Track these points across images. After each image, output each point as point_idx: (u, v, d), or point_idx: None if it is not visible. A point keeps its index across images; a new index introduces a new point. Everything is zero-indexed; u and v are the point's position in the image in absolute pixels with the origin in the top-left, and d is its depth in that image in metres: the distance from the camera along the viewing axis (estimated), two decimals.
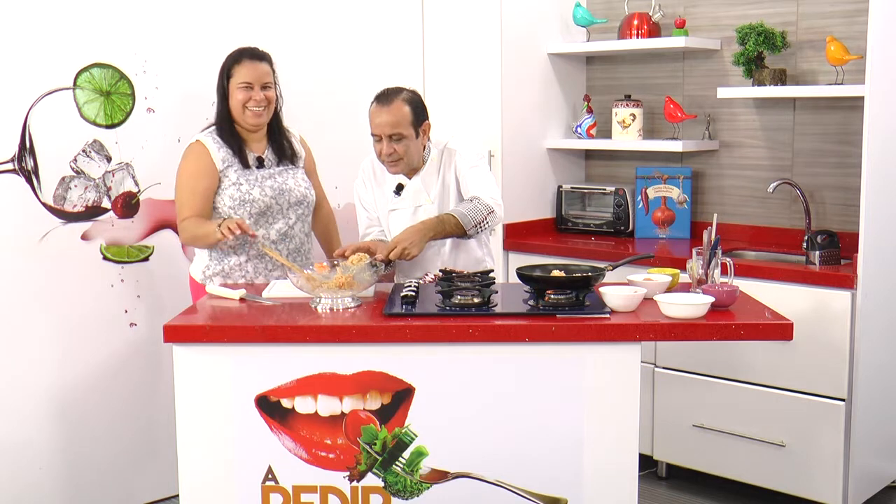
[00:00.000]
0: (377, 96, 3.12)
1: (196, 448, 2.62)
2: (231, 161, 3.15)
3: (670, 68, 4.28)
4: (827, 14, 3.78)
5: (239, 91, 3.12)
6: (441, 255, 3.23)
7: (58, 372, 3.37)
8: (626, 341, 2.56)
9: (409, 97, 3.11)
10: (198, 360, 2.59)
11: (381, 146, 3.08)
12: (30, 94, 3.24)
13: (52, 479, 3.38)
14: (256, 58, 3.16)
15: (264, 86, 3.14)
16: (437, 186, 3.19)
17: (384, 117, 3.06)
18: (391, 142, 3.07)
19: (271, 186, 3.18)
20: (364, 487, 2.62)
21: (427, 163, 3.19)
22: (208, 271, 3.18)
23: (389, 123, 3.05)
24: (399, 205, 3.20)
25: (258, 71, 3.13)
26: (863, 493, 3.44)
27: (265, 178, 3.19)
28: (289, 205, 3.22)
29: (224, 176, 3.14)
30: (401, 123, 3.06)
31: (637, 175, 4.26)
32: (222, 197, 3.14)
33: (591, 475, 2.60)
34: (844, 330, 3.30)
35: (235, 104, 3.14)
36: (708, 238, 2.85)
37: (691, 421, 3.67)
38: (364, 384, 2.58)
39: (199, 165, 3.12)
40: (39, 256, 3.29)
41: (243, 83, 3.12)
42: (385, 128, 3.06)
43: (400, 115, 3.06)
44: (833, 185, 3.84)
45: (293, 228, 3.24)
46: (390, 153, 3.08)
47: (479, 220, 3.05)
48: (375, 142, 3.11)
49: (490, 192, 3.10)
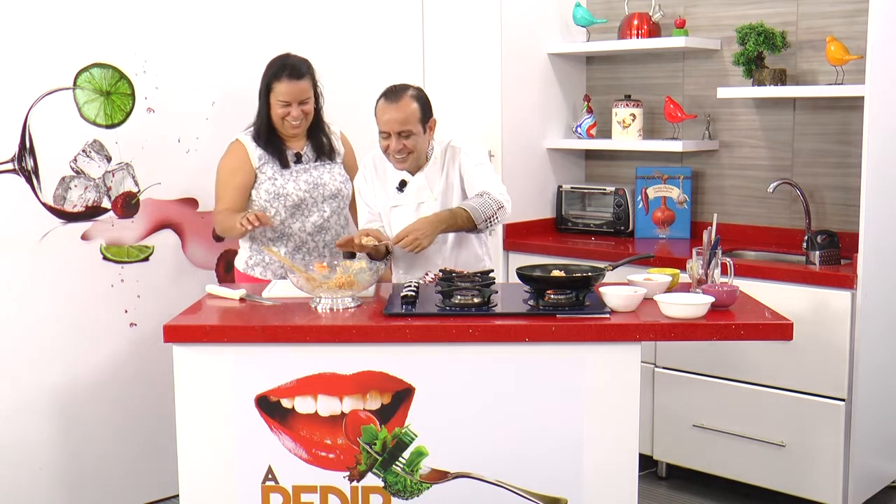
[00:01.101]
0: (385, 93, 3.12)
1: (196, 448, 2.62)
2: (268, 159, 3.28)
3: (670, 68, 4.28)
4: (827, 14, 3.78)
5: (278, 106, 3.24)
6: (442, 252, 3.22)
7: (58, 372, 3.37)
8: (626, 341, 2.56)
9: (416, 94, 3.12)
10: (198, 360, 2.59)
11: (390, 142, 3.09)
12: (30, 94, 3.24)
13: (52, 479, 3.38)
14: (295, 76, 3.23)
15: (302, 101, 3.25)
16: (441, 183, 3.19)
17: (393, 114, 3.06)
18: (400, 138, 3.07)
19: (306, 180, 3.30)
20: (364, 487, 2.62)
21: (430, 160, 3.20)
22: (250, 261, 3.36)
23: (398, 120, 3.06)
24: (401, 201, 3.20)
25: (297, 89, 3.23)
26: (863, 493, 3.44)
27: (300, 172, 3.32)
28: (323, 198, 3.33)
29: (261, 172, 3.28)
30: (409, 120, 3.07)
31: (637, 175, 4.26)
32: (259, 192, 3.28)
33: (591, 475, 2.60)
34: (844, 330, 3.30)
35: (275, 116, 3.26)
36: (708, 238, 2.85)
37: (691, 421, 3.67)
38: (364, 384, 2.58)
39: (235, 162, 3.27)
40: (39, 256, 3.29)
41: (282, 101, 3.23)
42: (394, 124, 3.06)
43: (409, 112, 3.07)
44: (833, 185, 3.84)
45: (328, 221, 3.35)
46: (399, 149, 3.09)
47: (489, 215, 3.06)
48: (383, 138, 3.11)
49: (498, 188, 3.13)
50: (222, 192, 3.28)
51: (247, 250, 3.38)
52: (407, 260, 3.23)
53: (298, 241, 3.32)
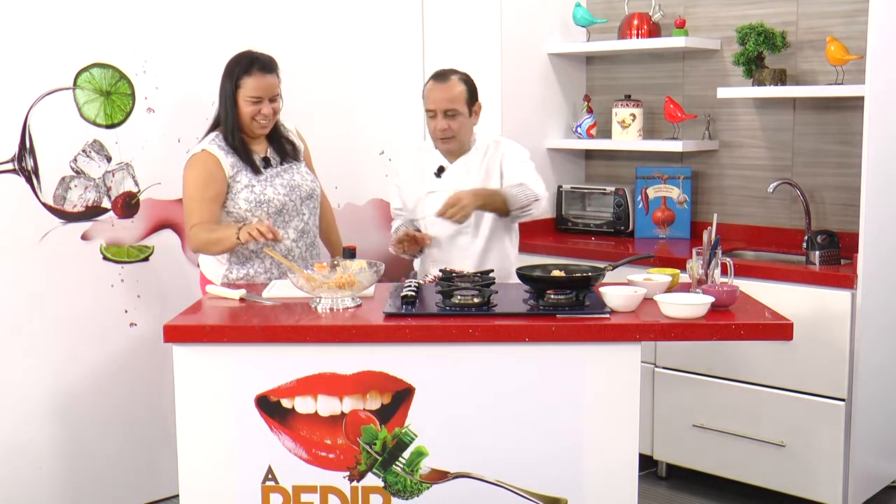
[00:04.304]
0: (433, 75, 3.27)
1: (196, 448, 2.62)
2: (241, 166, 3.14)
3: (670, 68, 4.28)
4: (827, 14, 3.78)
5: (248, 104, 3.11)
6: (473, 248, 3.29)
7: (58, 372, 3.37)
8: (626, 341, 2.56)
9: (464, 77, 3.25)
10: (198, 360, 2.59)
11: (436, 122, 3.20)
12: (30, 94, 3.24)
13: (52, 479, 3.38)
14: (266, 70, 3.12)
15: (272, 98, 3.14)
16: (480, 175, 3.27)
17: (440, 93, 3.18)
18: (446, 118, 3.18)
19: (282, 184, 3.18)
20: (364, 487, 2.62)
21: (472, 149, 3.30)
22: (231, 276, 3.17)
23: (446, 99, 3.18)
24: (438, 187, 3.27)
25: (268, 84, 3.12)
26: (863, 493, 3.44)
27: (273, 177, 3.19)
28: (301, 200, 3.22)
29: (234, 181, 3.12)
30: (456, 100, 3.18)
31: (637, 175, 4.26)
32: (236, 201, 3.12)
33: (591, 475, 2.60)
34: (844, 330, 3.30)
35: (244, 116, 3.12)
36: (708, 238, 2.85)
37: (691, 421, 3.67)
38: (364, 384, 2.58)
39: (205, 173, 3.09)
40: (39, 256, 3.29)
41: (253, 97, 3.10)
42: (441, 103, 3.18)
43: (456, 92, 3.19)
44: (833, 185, 3.84)
45: (308, 224, 3.25)
46: (444, 128, 3.20)
47: (524, 205, 3.19)
48: (430, 117, 3.23)
49: (537, 182, 3.25)
50: (195, 207, 3.07)
51: (223, 264, 3.18)
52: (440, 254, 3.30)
53: (284, 249, 3.16)
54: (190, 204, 3.10)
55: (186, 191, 3.12)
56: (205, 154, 3.11)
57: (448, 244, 3.29)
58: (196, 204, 3.08)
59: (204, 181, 3.08)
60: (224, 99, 3.14)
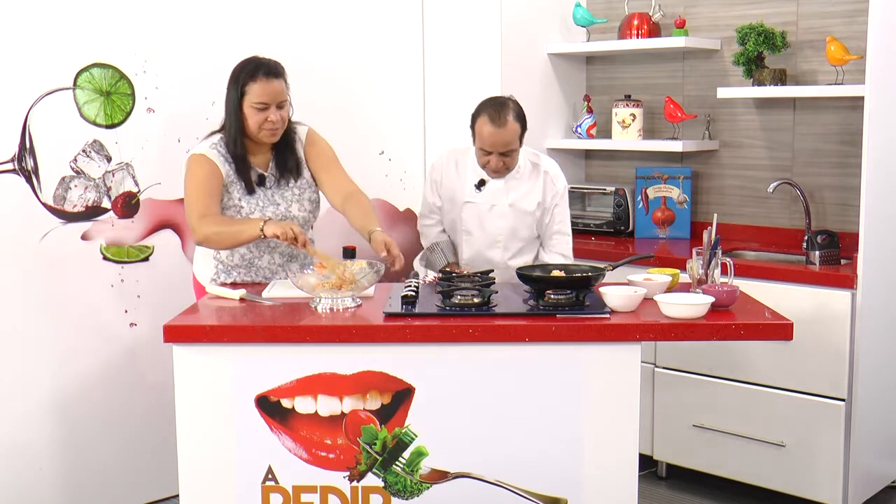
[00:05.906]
0: (488, 112, 3.17)
1: (196, 448, 2.62)
2: (235, 179, 3.05)
3: (670, 68, 4.28)
4: (827, 14, 3.78)
5: (254, 111, 2.99)
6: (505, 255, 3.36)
7: (58, 372, 3.36)
8: (626, 341, 2.56)
9: (517, 111, 3.21)
10: (198, 360, 2.59)
11: (490, 159, 3.20)
12: (30, 94, 3.24)
13: (52, 479, 3.38)
14: (272, 75, 3.00)
15: (279, 104, 3.01)
16: (517, 193, 3.31)
17: (498, 138, 3.16)
18: (501, 157, 3.19)
19: (273, 213, 3.07)
20: (364, 487, 2.62)
21: (515, 168, 3.31)
22: (218, 280, 3.13)
23: (503, 143, 3.17)
24: (476, 199, 3.32)
25: (274, 89, 2.99)
26: (863, 493, 3.44)
27: (266, 203, 3.07)
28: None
29: (226, 192, 3.05)
30: (512, 141, 3.19)
31: (637, 175, 4.26)
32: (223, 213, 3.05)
33: (591, 475, 2.60)
34: (844, 330, 3.30)
35: (251, 124, 3.01)
36: (708, 238, 2.86)
37: (691, 421, 3.67)
38: (364, 384, 2.58)
39: (205, 171, 3.01)
40: (39, 256, 3.29)
41: (259, 103, 2.98)
42: (499, 146, 3.18)
43: (513, 135, 3.18)
44: (833, 185, 3.84)
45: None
46: (499, 167, 3.22)
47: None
48: (482, 154, 3.22)
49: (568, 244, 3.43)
50: (199, 199, 2.98)
51: (211, 266, 3.14)
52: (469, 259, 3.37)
53: (269, 273, 3.13)
54: (192, 198, 3.01)
55: (189, 185, 3.04)
56: (202, 157, 3.03)
57: (478, 257, 3.36)
58: (199, 197, 2.99)
59: (204, 177, 3.01)
60: (229, 107, 3.04)
